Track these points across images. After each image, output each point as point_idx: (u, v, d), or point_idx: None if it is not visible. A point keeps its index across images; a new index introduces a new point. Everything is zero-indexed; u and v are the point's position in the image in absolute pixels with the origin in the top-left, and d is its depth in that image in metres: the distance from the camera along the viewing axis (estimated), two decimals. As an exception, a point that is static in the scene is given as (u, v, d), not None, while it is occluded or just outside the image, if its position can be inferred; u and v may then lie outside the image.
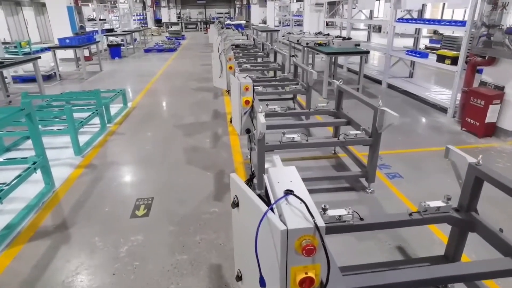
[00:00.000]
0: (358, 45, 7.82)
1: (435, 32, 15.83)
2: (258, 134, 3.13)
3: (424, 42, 17.46)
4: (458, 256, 2.34)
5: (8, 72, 8.80)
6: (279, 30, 16.48)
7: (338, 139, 3.47)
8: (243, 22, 28.73)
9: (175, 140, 5.21)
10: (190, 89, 8.60)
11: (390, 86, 8.41)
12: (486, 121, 5.19)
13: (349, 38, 8.15)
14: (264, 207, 1.18)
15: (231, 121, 5.87)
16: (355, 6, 10.25)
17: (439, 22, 6.51)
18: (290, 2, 18.79)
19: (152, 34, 23.61)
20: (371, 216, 2.08)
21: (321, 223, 1.12)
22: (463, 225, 2.18)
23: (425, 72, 10.32)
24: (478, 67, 5.66)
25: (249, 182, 3.70)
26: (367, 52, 7.43)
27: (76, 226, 3.14)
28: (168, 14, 32.73)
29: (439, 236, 2.94)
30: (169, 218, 3.21)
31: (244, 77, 3.50)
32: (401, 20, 7.79)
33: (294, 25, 17.78)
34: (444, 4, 23.31)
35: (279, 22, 22.63)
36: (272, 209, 1.19)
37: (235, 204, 1.46)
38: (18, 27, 20.35)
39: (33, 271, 2.61)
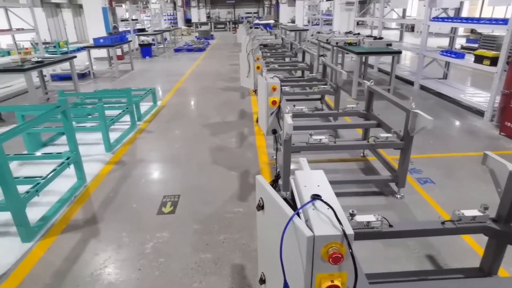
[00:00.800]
0: (390, 45, 7.59)
1: (472, 31, 15.11)
2: (284, 135, 3.10)
3: (460, 42, 16.74)
4: (495, 269, 2.20)
5: (47, 71, 9.24)
6: (307, 30, 16.31)
7: (368, 141, 3.37)
8: (271, 21, 28.66)
9: (202, 139, 5.26)
10: (218, 88, 8.67)
11: (422, 87, 8.11)
12: (528, 125, 4.89)
13: (381, 38, 7.93)
14: (290, 212, 1.15)
15: (257, 121, 5.86)
16: (387, 4, 9.96)
17: (478, 20, 6.19)
18: (320, 1, 18.57)
19: (182, 34, 24.06)
20: (400, 223, 1.99)
21: (349, 230, 1.07)
22: (501, 237, 2.05)
23: (460, 74, 9.89)
24: (520, 68, 5.33)
25: (274, 183, 3.67)
26: (399, 52, 7.20)
27: (104, 221, 3.23)
28: (198, 14, 33.25)
29: (473, 246, 2.79)
30: (194, 217, 3.24)
31: (272, 77, 3.47)
32: (436, 19, 7.49)
33: (324, 24, 17.54)
34: (483, 1, 22.23)
35: (308, 21, 22.42)
36: (298, 214, 1.15)
37: (260, 207, 1.43)
38: (57, 28, 21.36)
39: (64, 263, 2.71)
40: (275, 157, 4.47)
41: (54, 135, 5.25)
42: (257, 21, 26.71)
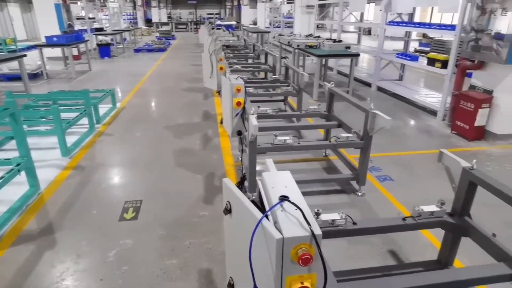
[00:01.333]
0: (349, 47, 7.85)
1: (424, 35, 16.04)
2: (249, 136, 3.09)
3: (413, 45, 17.69)
4: (451, 260, 2.33)
5: (-7, 70, 8.59)
6: (269, 32, 16.48)
7: (330, 141, 3.45)
8: (233, 23, 28.65)
9: (165, 141, 5.13)
10: (180, 89, 8.51)
11: (380, 88, 8.46)
12: (476, 124, 5.24)
13: (340, 41, 8.18)
14: (258, 214, 1.13)
15: (221, 122, 5.82)
16: (346, 8, 10.30)
17: (429, 25, 6.58)
18: (281, 4, 18.84)
19: (142, 34, 23.40)
20: (364, 221, 2.05)
21: (317, 231, 1.08)
22: (456, 230, 2.18)
23: (414, 75, 10.43)
24: (468, 71, 5.71)
25: (240, 185, 3.65)
26: (357, 55, 7.47)
27: (62, 230, 3.04)
28: (158, 14, 32.49)
29: (431, 240, 2.94)
30: (158, 222, 3.14)
31: (236, 78, 3.46)
32: (392, 23, 7.85)
33: (285, 27, 17.81)
34: (432, 8, 23.68)
35: (270, 24, 22.66)
36: (267, 216, 1.14)
37: (228, 210, 1.41)
38: (3, 24, 19.92)
39: (16, 277, 2.51)
40: (240, 158, 4.45)
41: (2, 140, 4.87)
42: (219, 22, 26.58)
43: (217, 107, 6.97)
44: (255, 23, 30.04)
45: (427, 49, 14.62)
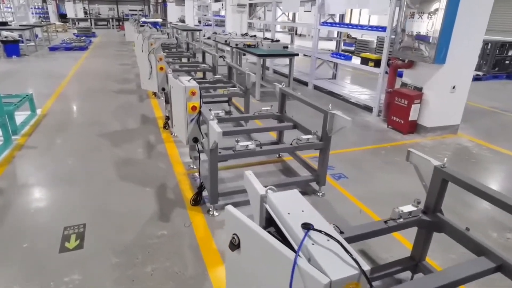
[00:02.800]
0: (286, 47, 7.93)
1: (348, 35, 17.09)
2: (210, 143, 2.84)
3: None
4: (424, 256, 2.38)
5: None
6: (201, 30, 16.06)
7: (291, 144, 3.35)
8: (159, 20, 27.43)
9: (102, 152, 4.57)
10: (111, 91, 7.78)
11: (316, 87, 8.73)
12: (409, 119, 5.64)
13: (277, 40, 8.23)
14: (290, 254, 0.93)
15: (165, 127, 5.41)
16: (279, 8, 10.42)
17: (362, 27, 6.93)
18: (210, 2, 18.48)
19: (57, 31, 21.13)
20: (350, 228, 1.97)
21: (366, 266, 0.92)
22: (431, 227, 2.21)
23: (345, 74, 10.99)
24: (399, 70, 6.12)
25: (197, 196, 3.38)
26: (296, 55, 7.57)
27: (-17, 272, 2.47)
28: (74, 9, 29.68)
29: (396, 236, 3.01)
30: (110, 248, 2.72)
31: (189, 80, 3.17)
32: (326, 23, 8.12)
33: (215, 25, 17.51)
34: (361, 10, 25.35)
35: (199, 22, 22.16)
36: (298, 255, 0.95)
37: (235, 246, 1.17)
38: None
39: None
40: (193, 166, 4.15)
41: None
42: (143, 19, 25.22)
43: (155, 109, 6.49)
44: (182, 21, 29.17)
45: (352, 48, 15.63)
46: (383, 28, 6.38)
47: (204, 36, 18.27)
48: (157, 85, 5.19)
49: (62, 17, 28.61)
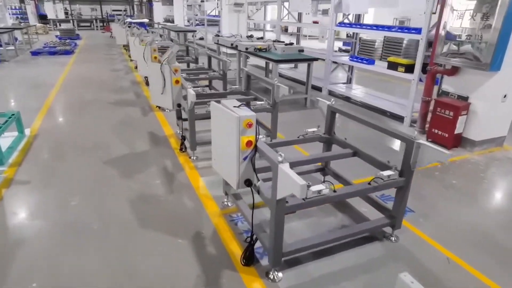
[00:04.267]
0: (302, 50, 7.23)
1: (347, 35, 16.53)
2: (283, 195, 2.10)
3: (337, 45, 18.15)
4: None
5: None
6: (195, 31, 15.18)
7: (370, 184, 2.63)
8: (145, 20, 26.39)
9: (110, 185, 3.77)
10: (107, 103, 6.92)
11: (330, 92, 8.07)
12: (455, 132, 5.02)
13: (291, 43, 7.51)
14: None
15: (181, 150, 4.62)
16: (285, 8, 9.70)
17: (389, 28, 6.27)
18: (202, 1, 17.57)
19: (37, 33, 19.84)
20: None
21: None
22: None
23: (358, 78, 10.35)
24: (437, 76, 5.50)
25: (248, 252, 2.63)
26: (316, 59, 6.88)
27: None
28: (54, 10, 28.20)
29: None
30: None
31: (239, 106, 2.43)
32: (343, 24, 7.46)
33: (207, 25, 16.63)
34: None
35: (189, 22, 21.24)
36: None
37: None
38: None
39: None
40: (227, 203, 3.40)
41: None
42: (129, 20, 24.13)
43: (163, 125, 5.68)
44: (167, 20, 28.16)
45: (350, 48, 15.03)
46: (417, 30, 5.74)
47: (194, 37, 17.39)
48: (172, 101, 4.40)
49: (42, 18, 27.13)
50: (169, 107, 4.47)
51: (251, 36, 9.15)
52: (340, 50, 16.01)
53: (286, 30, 27.93)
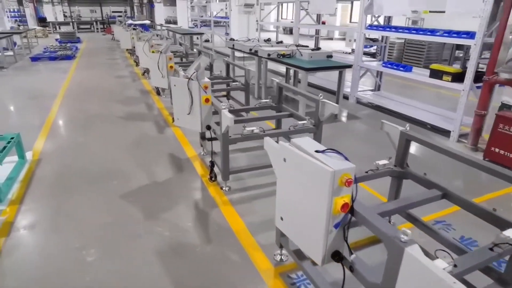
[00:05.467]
0: (331, 56, 6.56)
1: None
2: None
3: (340, 46, 17.51)
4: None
5: None
6: (203, 33, 14.49)
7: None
8: (147, 22, 25.73)
9: (132, 231, 3.08)
10: (117, 117, 6.24)
11: (358, 100, 7.42)
12: (522, 152, 4.36)
13: (318, 48, 6.83)
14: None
15: (211, 179, 3.94)
16: (304, 9, 9.03)
17: (432, 32, 5.59)
18: (207, 2, 16.88)
19: (36, 36, 19.14)
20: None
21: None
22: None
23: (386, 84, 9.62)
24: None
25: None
26: (349, 66, 6.21)
27: None
28: (53, 12, 27.50)
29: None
30: None
31: (323, 151, 1.75)
32: (374, 27, 6.78)
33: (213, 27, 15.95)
34: (352, 8, 24.11)
35: (193, 23, 20.60)
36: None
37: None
38: None
39: None
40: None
41: None
42: (130, 21, 23.47)
43: (183, 144, 5.00)
44: (168, 22, 27.49)
45: (365, 49, 14.34)
46: (468, 34, 5.07)
47: (201, 39, 16.70)
48: (201, 123, 3.73)
49: (41, 21, 26.42)
50: (197, 129, 3.80)
51: (268, 40, 8.47)
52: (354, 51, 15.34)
53: (290, 32, 27.26)
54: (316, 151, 1.77)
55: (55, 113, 6.41)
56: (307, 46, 7.17)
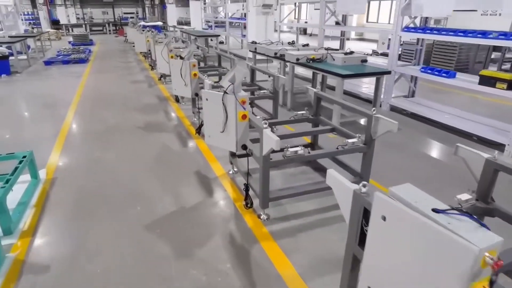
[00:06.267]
0: (365, 60, 6.03)
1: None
2: None
3: (370, 47, 16.84)
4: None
5: None
6: (219, 35, 14.06)
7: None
8: (159, 23, 25.46)
9: (164, 276, 2.62)
10: (136, 127, 5.82)
11: (392, 108, 6.87)
12: None
13: (351, 52, 6.30)
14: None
15: (247, 206, 3.46)
16: (329, 10, 8.50)
17: (484, 34, 5.01)
18: (224, 3, 16.45)
19: (49, 39, 18.98)
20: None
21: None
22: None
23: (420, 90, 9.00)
24: None
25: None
26: (389, 72, 5.67)
27: None
28: (66, 15, 27.48)
29: None
30: None
31: (444, 212, 1.25)
32: (412, 29, 6.22)
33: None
34: (368, 8, 23.39)
35: (207, 24, 20.22)
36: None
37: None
38: None
39: None
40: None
41: None
42: (143, 23, 23.23)
43: (209, 161, 4.54)
44: (181, 23, 27.20)
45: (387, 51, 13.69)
46: (525, 36, 4.50)
47: (217, 41, 16.31)
48: (236, 142, 3.25)
49: (55, 23, 26.39)
50: (231, 149, 3.33)
51: (292, 43, 7.97)
52: (375, 53, 14.72)
53: (305, 32, 26.66)
54: (434, 210, 1.27)
55: (69, 123, 6.02)
56: (337, 50, 6.65)
